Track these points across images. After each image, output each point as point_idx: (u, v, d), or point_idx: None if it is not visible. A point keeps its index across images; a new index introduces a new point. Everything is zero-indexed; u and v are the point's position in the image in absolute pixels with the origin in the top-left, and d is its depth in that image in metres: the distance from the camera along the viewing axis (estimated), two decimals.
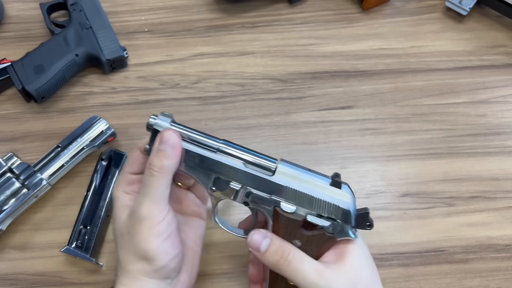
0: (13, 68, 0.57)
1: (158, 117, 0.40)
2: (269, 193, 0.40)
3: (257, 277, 0.44)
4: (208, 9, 0.67)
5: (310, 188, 0.39)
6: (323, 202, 0.39)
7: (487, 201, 0.55)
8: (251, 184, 0.40)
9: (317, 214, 0.39)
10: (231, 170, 0.40)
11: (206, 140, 0.40)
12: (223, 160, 0.40)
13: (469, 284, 0.51)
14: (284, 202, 0.39)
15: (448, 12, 0.66)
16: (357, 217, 0.40)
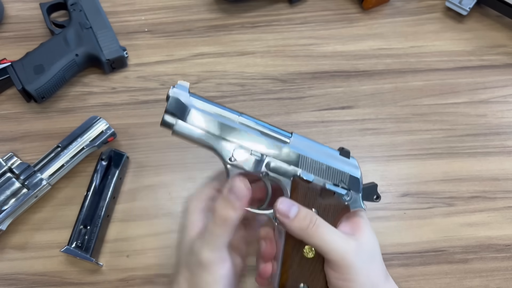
0: (13, 68, 0.57)
1: (176, 86, 0.40)
2: (288, 163, 0.40)
3: (270, 254, 0.42)
4: (208, 9, 0.67)
5: (324, 157, 0.41)
6: (336, 171, 0.41)
7: (487, 201, 0.55)
8: (272, 153, 0.40)
9: (334, 184, 0.41)
10: (252, 140, 0.40)
11: (227, 112, 0.41)
12: (245, 130, 0.40)
13: (469, 284, 0.51)
14: (302, 172, 0.40)
15: (448, 12, 0.66)
16: (366, 190, 0.42)
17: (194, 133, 0.40)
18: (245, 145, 0.40)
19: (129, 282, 0.51)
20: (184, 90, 0.40)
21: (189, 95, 0.40)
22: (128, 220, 0.54)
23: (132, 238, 0.53)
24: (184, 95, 0.40)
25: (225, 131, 0.40)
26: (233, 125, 0.40)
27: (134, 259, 0.52)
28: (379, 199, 0.42)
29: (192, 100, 0.40)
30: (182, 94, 0.40)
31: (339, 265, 0.38)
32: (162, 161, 0.57)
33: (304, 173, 0.40)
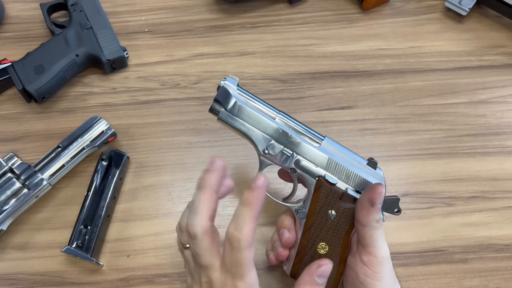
0: (13, 68, 0.57)
1: (227, 79, 0.44)
2: (315, 164, 0.43)
3: (291, 243, 0.45)
4: (208, 9, 0.67)
5: (351, 164, 0.43)
6: (360, 178, 0.43)
7: (487, 201, 0.55)
8: (300, 152, 0.43)
9: (356, 190, 0.43)
10: (285, 137, 0.43)
11: (267, 108, 0.45)
12: (281, 127, 0.43)
13: (468, 284, 0.51)
14: (327, 174, 0.43)
15: (447, 12, 0.67)
16: (387, 201, 0.43)
17: (235, 123, 0.44)
18: (278, 142, 0.44)
19: (129, 282, 0.51)
20: (233, 84, 0.44)
21: (237, 89, 0.44)
22: (128, 220, 0.54)
23: (132, 238, 0.53)
24: (233, 88, 0.44)
25: (262, 126, 0.44)
26: (271, 121, 0.44)
27: (134, 259, 0.52)
28: (400, 212, 0.44)
29: (238, 94, 0.44)
30: (231, 86, 0.44)
31: (376, 264, 0.41)
32: (162, 161, 0.57)
33: (329, 175, 0.43)
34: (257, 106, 0.45)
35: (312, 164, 0.43)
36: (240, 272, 0.36)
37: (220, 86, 0.44)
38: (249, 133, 0.44)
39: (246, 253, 0.36)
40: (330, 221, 0.43)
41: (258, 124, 0.44)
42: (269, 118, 0.44)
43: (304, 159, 0.43)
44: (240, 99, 0.44)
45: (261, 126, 0.44)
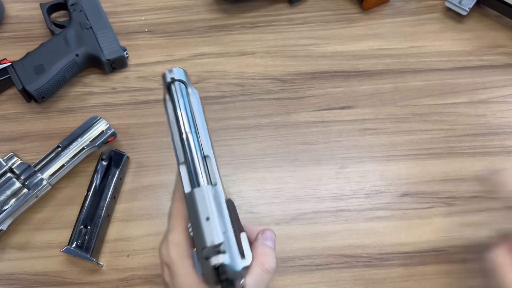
0: (13, 68, 0.57)
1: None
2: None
3: None
4: (208, 9, 0.67)
5: None
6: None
7: (487, 201, 0.55)
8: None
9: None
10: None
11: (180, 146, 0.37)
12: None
13: (468, 284, 0.51)
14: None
15: (447, 12, 0.66)
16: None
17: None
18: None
19: (129, 282, 0.51)
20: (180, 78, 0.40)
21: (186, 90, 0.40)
22: (128, 220, 0.54)
23: (132, 238, 0.53)
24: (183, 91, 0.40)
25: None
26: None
27: (134, 259, 0.52)
28: None
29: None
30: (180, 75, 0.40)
31: None
32: (162, 161, 0.57)
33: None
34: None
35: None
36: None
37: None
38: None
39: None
40: None
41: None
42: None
43: None
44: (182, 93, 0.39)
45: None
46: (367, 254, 0.52)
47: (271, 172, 0.56)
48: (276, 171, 0.56)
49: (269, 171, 0.56)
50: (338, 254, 0.52)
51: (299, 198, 0.55)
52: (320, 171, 0.56)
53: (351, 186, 0.55)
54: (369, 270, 0.51)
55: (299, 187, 0.55)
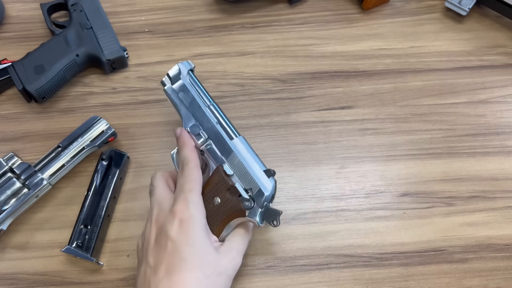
0: (13, 68, 0.57)
1: (183, 62, 0.52)
2: (221, 152, 0.48)
3: None
4: (208, 9, 0.67)
5: (249, 165, 0.47)
6: (251, 179, 0.46)
7: (487, 201, 0.55)
8: (213, 139, 0.48)
9: (244, 188, 0.46)
10: (207, 123, 0.49)
11: (204, 95, 0.50)
12: (207, 113, 0.49)
13: (468, 284, 0.51)
14: (227, 165, 0.47)
15: (447, 12, 0.67)
16: (270, 211, 0.46)
17: (174, 98, 0.51)
18: (199, 124, 0.49)
19: (130, 281, 0.51)
20: (187, 67, 0.52)
21: (188, 72, 0.51)
22: (128, 220, 0.54)
23: (132, 237, 0.53)
24: (184, 70, 0.51)
25: (193, 107, 0.50)
26: (201, 107, 0.50)
27: (134, 258, 0.52)
28: (275, 226, 0.45)
29: (188, 77, 0.51)
30: (184, 69, 0.51)
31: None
32: (162, 161, 0.57)
33: (227, 166, 0.47)
34: (198, 91, 0.51)
35: (219, 152, 0.48)
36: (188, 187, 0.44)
37: (176, 65, 0.52)
38: (181, 110, 0.50)
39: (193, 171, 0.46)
40: (212, 206, 0.46)
41: (191, 106, 0.50)
42: (202, 104, 0.50)
43: (214, 146, 0.48)
44: (186, 81, 0.51)
45: (192, 107, 0.50)
46: (367, 254, 0.52)
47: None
48: (276, 171, 0.56)
49: None
50: (338, 254, 0.52)
51: (299, 198, 0.55)
52: (320, 171, 0.56)
53: (351, 186, 0.55)
54: (368, 270, 0.51)
55: (299, 187, 0.55)
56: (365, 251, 0.52)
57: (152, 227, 0.44)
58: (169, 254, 0.41)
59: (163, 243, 0.42)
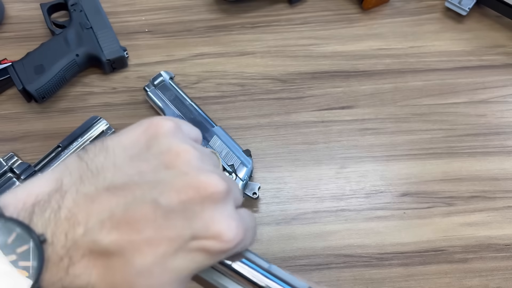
0: (13, 68, 0.57)
1: (165, 71, 0.59)
2: (204, 137, 0.53)
3: None
4: (208, 9, 0.67)
5: (229, 146, 0.54)
6: (232, 156, 0.53)
7: (487, 201, 0.55)
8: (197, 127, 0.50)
9: (227, 164, 0.53)
10: (189, 114, 0.56)
11: (184, 94, 0.58)
12: (189, 106, 0.57)
13: (468, 284, 0.51)
14: (209, 146, 0.54)
15: (447, 12, 0.67)
16: (248, 184, 0.52)
17: (157, 99, 0.57)
18: (184, 116, 0.56)
19: None
20: (169, 75, 0.59)
21: (170, 81, 0.58)
22: None
23: None
24: (167, 76, 0.59)
25: (176, 103, 0.57)
26: (183, 101, 0.57)
27: None
28: (257, 197, 0.52)
29: (168, 81, 0.58)
30: (166, 75, 0.59)
31: None
32: None
33: (209, 146, 0.54)
34: (179, 91, 0.58)
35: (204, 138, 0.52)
36: None
37: (159, 73, 0.59)
38: (165, 109, 0.56)
39: None
40: None
41: (174, 101, 0.56)
42: (183, 99, 0.57)
43: None
44: (168, 83, 0.58)
45: (175, 102, 0.56)
46: (367, 254, 0.52)
47: (271, 172, 0.56)
48: (276, 171, 0.56)
49: (269, 171, 0.56)
50: (338, 254, 0.52)
51: (299, 198, 0.55)
52: (320, 171, 0.56)
53: (351, 186, 0.55)
54: (369, 270, 0.51)
55: (299, 187, 0.55)
56: (365, 251, 0.52)
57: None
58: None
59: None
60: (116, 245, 0.24)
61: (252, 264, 0.29)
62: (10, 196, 0.24)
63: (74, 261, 0.23)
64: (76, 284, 0.24)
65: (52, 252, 0.23)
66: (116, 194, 0.24)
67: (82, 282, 0.24)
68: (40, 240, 0.23)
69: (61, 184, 0.25)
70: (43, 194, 0.24)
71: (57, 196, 0.24)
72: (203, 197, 0.25)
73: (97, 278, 0.24)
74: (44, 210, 0.24)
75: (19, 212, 0.24)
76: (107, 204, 0.24)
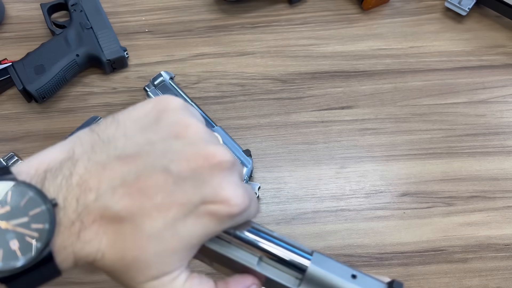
0: (14, 68, 0.57)
1: (165, 71, 0.59)
2: None
3: None
4: (208, 9, 0.67)
5: (229, 146, 0.41)
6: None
7: (487, 201, 0.55)
8: None
9: None
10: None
11: (185, 95, 0.59)
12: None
13: (468, 284, 0.51)
14: None
15: (447, 12, 0.67)
16: (248, 184, 0.47)
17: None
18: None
19: None
20: (169, 75, 0.59)
21: (170, 81, 0.58)
22: None
23: None
24: (167, 76, 0.59)
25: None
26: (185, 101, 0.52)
27: None
28: (256, 196, 0.49)
29: (169, 81, 0.58)
30: (166, 76, 0.59)
31: None
32: None
33: None
34: (179, 91, 0.58)
35: None
36: None
37: (159, 73, 0.59)
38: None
39: None
40: None
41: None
42: (183, 99, 0.55)
43: None
44: (168, 83, 0.58)
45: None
46: (367, 253, 0.52)
47: (271, 172, 0.56)
48: (276, 171, 0.56)
49: (269, 171, 0.56)
50: (338, 253, 0.52)
51: (299, 198, 0.55)
52: (320, 171, 0.56)
53: (351, 186, 0.55)
54: (368, 269, 0.51)
55: (299, 187, 0.55)
56: (365, 251, 0.52)
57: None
58: None
59: None
60: (127, 211, 0.24)
61: (258, 232, 0.30)
62: (23, 164, 0.25)
63: (85, 226, 0.24)
64: (86, 251, 0.24)
65: (63, 216, 0.24)
66: (128, 162, 0.25)
67: (93, 248, 0.24)
68: (52, 203, 0.23)
69: (73, 153, 0.26)
70: (55, 162, 0.25)
71: (69, 164, 0.25)
72: (212, 165, 0.26)
73: (107, 245, 0.25)
74: (55, 176, 0.24)
75: (32, 178, 0.24)
76: (118, 171, 0.25)
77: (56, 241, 0.24)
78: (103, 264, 0.25)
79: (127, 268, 0.25)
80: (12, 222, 0.23)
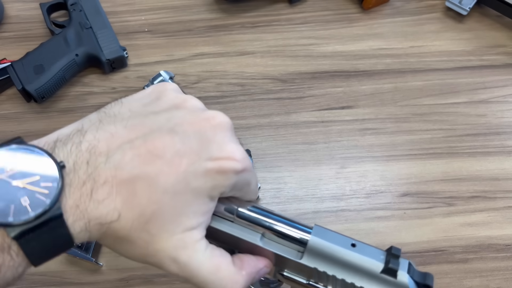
0: (13, 68, 0.57)
1: (165, 71, 0.59)
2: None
3: None
4: (208, 9, 0.67)
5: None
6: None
7: (487, 201, 0.55)
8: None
9: None
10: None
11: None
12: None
13: (469, 284, 0.51)
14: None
15: (448, 12, 0.66)
16: None
17: None
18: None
19: (129, 282, 0.51)
20: (169, 74, 0.58)
21: (170, 81, 0.56)
22: None
23: None
24: (167, 76, 0.58)
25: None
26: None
27: None
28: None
29: (169, 81, 0.56)
30: (166, 75, 0.58)
31: None
32: None
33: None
34: None
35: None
36: None
37: (159, 73, 0.58)
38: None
39: None
40: None
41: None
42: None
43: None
44: (167, 81, 0.56)
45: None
46: None
47: (271, 172, 0.56)
48: (276, 171, 0.56)
49: (269, 171, 0.56)
50: None
51: (299, 198, 0.55)
52: (320, 171, 0.56)
53: (351, 186, 0.55)
54: None
55: (299, 187, 0.55)
56: None
57: None
58: None
59: None
60: (139, 169, 0.26)
61: (259, 210, 0.32)
62: (33, 141, 0.26)
63: (97, 186, 0.25)
64: (100, 211, 0.25)
65: (74, 177, 0.25)
66: (135, 129, 0.27)
67: (107, 208, 0.25)
68: (60, 165, 0.24)
69: (81, 127, 0.27)
70: (64, 134, 0.27)
71: (78, 134, 0.27)
72: (214, 125, 0.29)
73: (123, 204, 0.25)
74: (65, 144, 0.26)
75: (43, 146, 0.26)
76: (126, 137, 0.27)
77: (68, 202, 0.24)
78: (120, 225, 0.25)
79: (147, 225, 0.26)
80: (23, 180, 0.24)
